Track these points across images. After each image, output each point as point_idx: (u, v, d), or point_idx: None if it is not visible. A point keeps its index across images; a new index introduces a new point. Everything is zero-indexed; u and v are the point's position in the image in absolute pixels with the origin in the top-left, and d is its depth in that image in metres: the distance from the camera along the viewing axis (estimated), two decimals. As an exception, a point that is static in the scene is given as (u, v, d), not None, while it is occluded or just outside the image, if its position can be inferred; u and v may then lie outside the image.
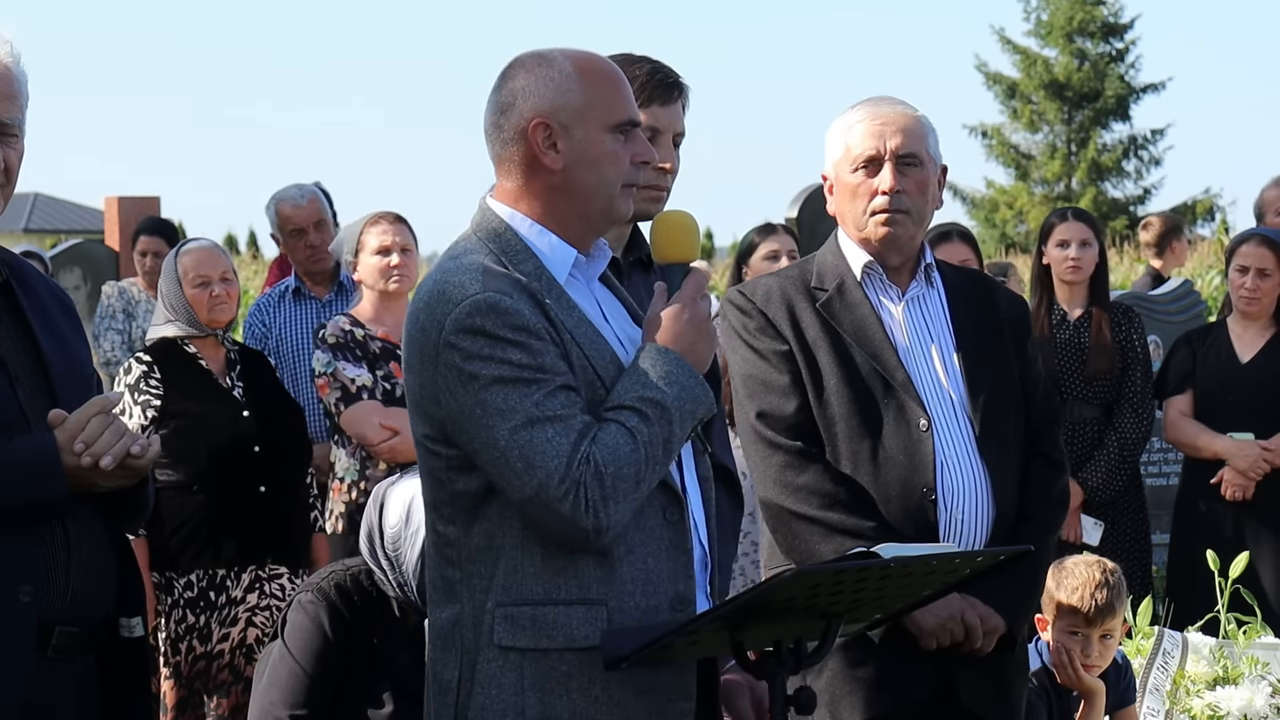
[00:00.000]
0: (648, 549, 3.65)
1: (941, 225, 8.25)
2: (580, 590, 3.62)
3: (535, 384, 3.56)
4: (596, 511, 3.54)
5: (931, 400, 4.75)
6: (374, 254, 7.34)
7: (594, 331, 3.70)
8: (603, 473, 3.53)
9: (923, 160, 4.79)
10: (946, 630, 4.65)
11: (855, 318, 4.77)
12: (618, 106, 3.73)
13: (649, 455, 3.57)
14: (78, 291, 14.09)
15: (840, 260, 4.86)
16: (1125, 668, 5.66)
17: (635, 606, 3.63)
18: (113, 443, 3.72)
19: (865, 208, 4.79)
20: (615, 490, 3.54)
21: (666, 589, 3.65)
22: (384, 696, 5.02)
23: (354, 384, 7.18)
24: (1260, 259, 8.19)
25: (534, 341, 3.58)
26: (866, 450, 4.71)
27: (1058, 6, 43.29)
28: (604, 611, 3.61)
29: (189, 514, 6.81)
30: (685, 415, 3.62)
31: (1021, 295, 5.50)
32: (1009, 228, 42.03)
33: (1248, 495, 8.11)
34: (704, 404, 3.66)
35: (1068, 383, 8.09)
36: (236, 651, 6.82)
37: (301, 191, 8.79)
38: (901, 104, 4.86)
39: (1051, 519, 4.86)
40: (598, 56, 3.80)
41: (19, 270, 3.95)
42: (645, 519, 3.65)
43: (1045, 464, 4.86)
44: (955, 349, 4.82)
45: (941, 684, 4.71)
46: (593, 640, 3.60)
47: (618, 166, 3.73)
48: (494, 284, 3.61)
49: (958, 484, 4.71)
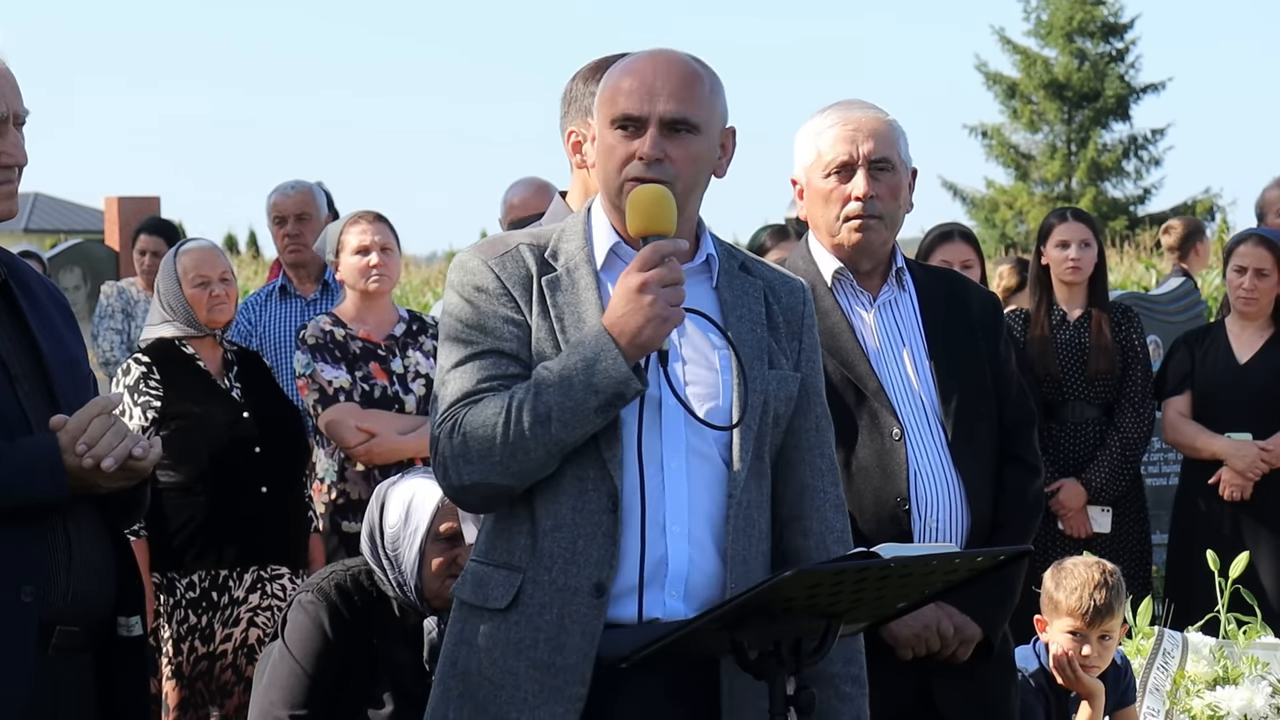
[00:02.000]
0: (579, 530, 3.69)
1: (943, 225, 8.24)
2: (507, 555, 3.75)
3: (468, 344, 3.75)
4: (447, 469, 3.72)
5: (904, 408, 4.72)
6: (353, 254, 7.36)
7: (593, 312, 3.72)
8: (457, 433, 3.68)
9: (895, 165, 4.76)
10: (922, 640, 4.64)
11: (826, 325, 4.73)
12: (618, 102, 3.78)
13: (512, 419, 3.63)
14: (78, 291, 14.08)
15: (811, 266, 4.81)
16: (1125, 668, 5.66)
17: (551, 582, 3.69)
18: (114, 444, 3.73)
19: (839, 213, 4.75)
20: (467, 450, 3.67)
21: (590, 573, 3.68)
22: (384, 696, 5.02)
23: (331, 386, 7.20)
24: (1258, 259, 8.19)
25: (484, 303, 3.76)
26: (840, 461, 4.69)
27: (1058, 6, 43.30)
28: (519, 579, 3.72)
29: (190, 515, 6.82)
30: (576, 385, 3.62)
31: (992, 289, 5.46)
32: (1009, 228, 42.02)
33: (1245, 495, 8.11)
34: (609, 376, 3.62)
35: (1068, 383, 8.09)
36: (239, 652, 6.82)
37: (295, 185, 8.91)
38: (872, 108, 4.83)
39: (1027, 523, 4.82)
40: (640, 54, 3.85)
41: (16, 270, 3.96)
42: (585, 501, 3.69)
43: (1020, 467, 4.84)
44: (927, 354, 4.79)
45: (920, 693, 4.71)
46: (499, 604, 3.72)
47: (613, 160, 3.78)
48: (485, 247, 3.83)
49: (931, 493, 4.69)
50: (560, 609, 3.68)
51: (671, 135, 3.77)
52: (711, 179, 3.88)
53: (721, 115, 3.86)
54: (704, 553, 3.75)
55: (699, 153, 3.79)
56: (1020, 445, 4.86)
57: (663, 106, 3.76)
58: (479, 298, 3.77)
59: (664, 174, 3.75)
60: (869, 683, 4.18)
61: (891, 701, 4.67)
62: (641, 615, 3.70)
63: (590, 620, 3.68)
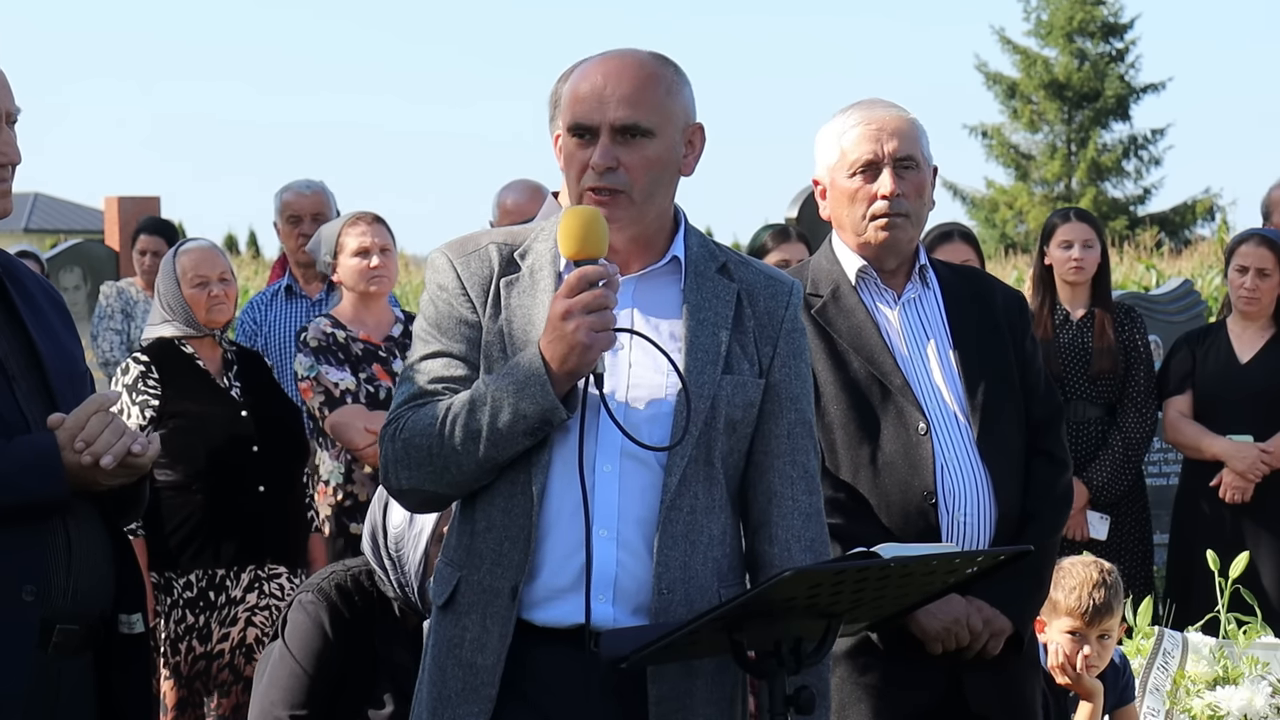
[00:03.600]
0: (505, 532, 3.72)
1: (943, 225, 8.24)
2: (452, 554, 3.82)
3: (424, 342, 3.81)
4: (386, 471, 3.78)
5: (929, 403, 4.73)
6: (353, 255, 7.36)
7: (545, 316, 3.69)
8: (398, 437, 3.73)
9: (919, 163, 4.78)
10: (952, 634, 4.63)
11: (851, 323, 4.76)
12: (573, 110, 3.78)
13: (446, 434, 3.67)
14: (78, 291, 14.08)
15: (835, 265, 4.83)
16: (1124, 667, 5.66)
17: (479, 582, 3.74)
18: (113, 441, 3.73)
19: (865, 213, 4.77)
20: (406, 456, 3.72)
21: (510, 575, 3.71)
22: (384, 697, 5.02)
23: (338, 388, 7.20)
24: (1260, 259, 8.19)
25: (443, 304, 3.81)
26: (865, 456, 4.69)
27: (1058, 6, 43.31)
28: (456, 577, 3.77)
29: (188, 514, 6.82)
30: (503, 409, 3.63)
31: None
32: (1009, 228, 42.03)
33: (1246, 498, 8.11)
34: (535, 403, 3.62)
35: (1071, 383, 8.09)
36: (236, 651, 6.82)
37: (309, 184, 8.91)
38: (894, 106, 4.84)
39: (1055, 517, 4.83)
40: (601, 57, 3.81)
41: (12, 269, 3.96)
42: (513, 504, 3.72)
43: (1047, 462, 4.84)
44: (952, 350, 4.80)
45: (950, 688, 4.69)
46: (438, 601, 3.79)
47: (571, 168, 3.80)
48: (456, 245, 3.86)
49: (958, 487, 4.69)
50: (484, 610, 3.73)
51: (625, 141, 3.75)
52: (681, 178, 3.85)
53: (683, 113, 3.82)
54: (635, 557, 3.72)
55: (655, 156, 3.76)
56: (1048, 440, 4.86)
57: (613, 114, 3.74)
58: (440, 296, 3.82)
59: (617, 182, 3.74)
60: (899, 680, 4.16)
61: (923, 697, 4.67)
62: (587, 618, 3.65)
63: (506, 622, 3.71)
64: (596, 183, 3.75)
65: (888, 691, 4.65)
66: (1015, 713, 4.79)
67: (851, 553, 3.99)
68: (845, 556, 3.95)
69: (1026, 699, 4.83)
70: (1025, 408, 4.84)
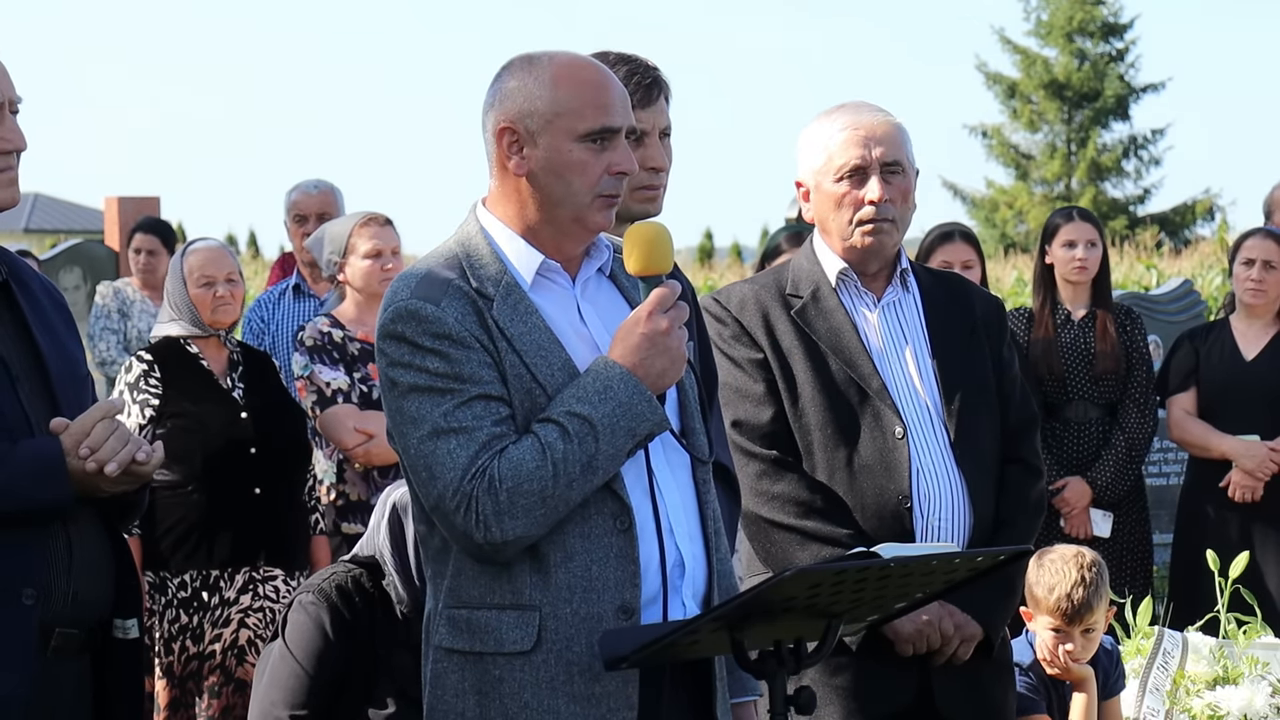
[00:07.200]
0: (591, 556, 3.63)
1: (943, 225, 8.23)
2: (514, 595, 3.63)
3: (449, 394, 3.59)
4: (488, 525, 3.55)
5: (907, 407, 4.75)
6: (365, 258, 7.35)
7: (548, 337, 3.66)
8: (497, 487, 3.55)
9: (904, 168, 4.80)
10: (923, 636, 4.66)
11: (830, 325, 4.77)
12: (588, 115, 3.67)
13: (561, 472, 3.55)
14: (77, 291, 14.08)
15: (815, 267, 4.85)
16: (1114, 655, 5.65)
17: (573, 613, 3.61)
18: (117, 449, 3.73)
19: (852, 218, 4.78)
20: (512, 505, 3.54)
21: (612, 597, 3.62)
22: (385, 698, 5.02)
23: (329, 388, 7.19)
24: (1266, 251, 8.20)
25: (454, 350, 3.60)
26: (842, 458, 4.71)
27: (1058, 6, 43.28)
28: (537, 617, 3.61)
29: (183, 514, 6.81)
30: (619, 432, 3.58)
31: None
32: (1009, 228, 42.01)
33: (1256, 497, 8.09)
34: (646, 420, 3.61)
35: (1073, 383, 8.08)
36: (229, 652, 6.80)
37: (318, 184, 8.95)
38: (880, 110, 4.84)
39: (1029, 525, 4.85)
40: (584, 61, 3.74)
41: (16, 270, 3.95)
42: (592, 527, 3.63)
43: (1022, 469, 4.86)
44: (930, 354, 4.81)
45: (920, 691, 4.72)
46: (522, 646, 3.61)
47: (585, 176, 3.68)
48: (424, 290, 3.63)
49: (934, 491, 4.71)
50: (587, 639, 3.61)
51: (634, 145, 3.81)
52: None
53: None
54: (698, 551, 3.77)
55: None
56: (1023, 447, 4.88)
57: (631, 117, 3.76)
58: (444, 345, 3.60)
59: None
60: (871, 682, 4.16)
61: (893, 699, 4.70)
62: (664, 616, 3.69)
63: None
64: (618, 189, 3.73)
65: (859, 693, 4.67)
66: (984, 717, 4.80)
67: (851, 553, 4.00)
68: (846, 556, 3.96)
69: (996, 703, 4.85)
70: (1001, 414, 4.85)
